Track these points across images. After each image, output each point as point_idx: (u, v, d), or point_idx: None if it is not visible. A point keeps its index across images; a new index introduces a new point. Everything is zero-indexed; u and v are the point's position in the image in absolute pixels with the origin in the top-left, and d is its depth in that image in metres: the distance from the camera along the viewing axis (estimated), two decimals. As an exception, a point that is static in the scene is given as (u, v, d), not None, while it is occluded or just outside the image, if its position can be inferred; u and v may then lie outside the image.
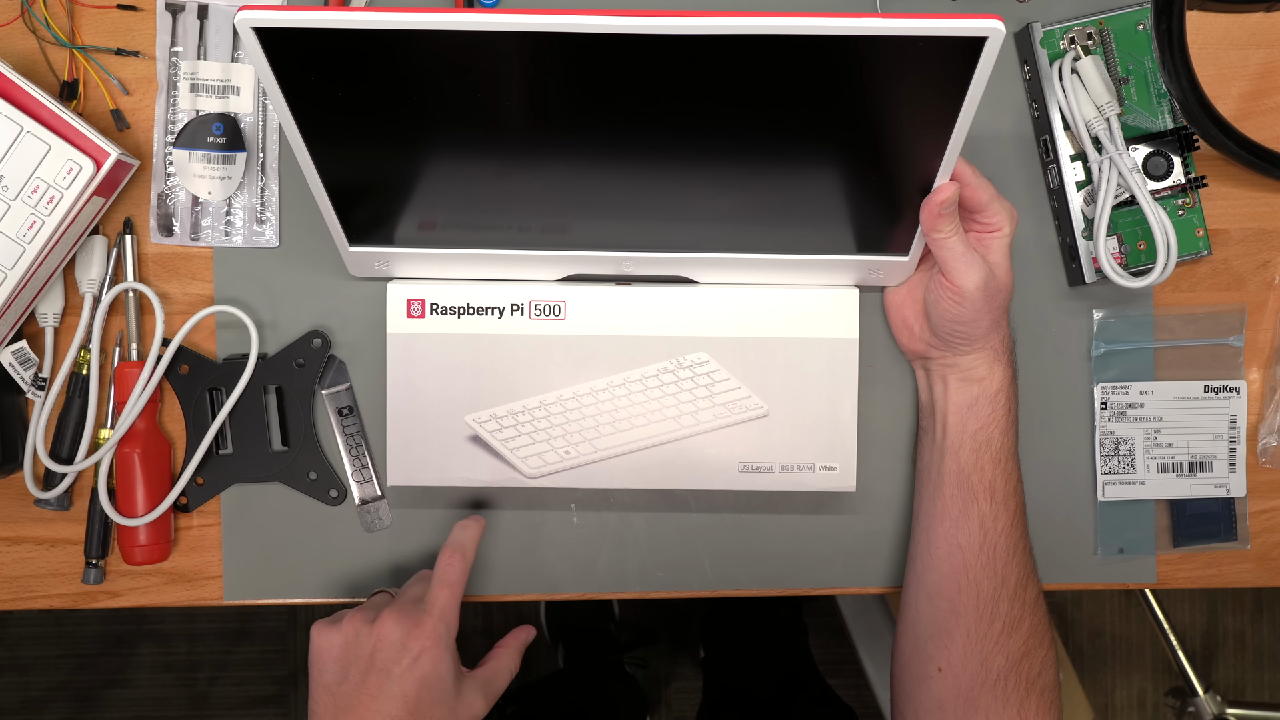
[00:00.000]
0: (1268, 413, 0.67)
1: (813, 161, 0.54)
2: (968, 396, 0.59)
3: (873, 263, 0.60)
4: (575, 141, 0.52)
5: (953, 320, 0.58)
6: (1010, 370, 0.60)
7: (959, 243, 0.55)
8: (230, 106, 0.63)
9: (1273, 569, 0.68)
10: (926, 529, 0.61)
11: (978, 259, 0.56)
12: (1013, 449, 0.60)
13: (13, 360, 0.63)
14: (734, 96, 0.49)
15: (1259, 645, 1.53)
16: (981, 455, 0.59)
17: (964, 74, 0.48)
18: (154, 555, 0.64)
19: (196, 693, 1.50)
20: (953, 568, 0.59)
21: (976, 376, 0.59)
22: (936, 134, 0.51)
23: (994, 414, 0.59)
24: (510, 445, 0.62)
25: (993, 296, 0.57)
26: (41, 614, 1.49)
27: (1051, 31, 0.62)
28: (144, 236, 0.64)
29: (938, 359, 0.61)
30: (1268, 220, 0.66)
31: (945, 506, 0.60)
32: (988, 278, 0.56)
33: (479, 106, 0.51)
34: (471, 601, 0.67)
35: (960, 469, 0.59)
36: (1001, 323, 0.59)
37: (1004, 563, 0.58)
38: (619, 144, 0.52)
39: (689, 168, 0.54)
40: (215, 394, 0.65)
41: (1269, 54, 0.65)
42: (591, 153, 0.53)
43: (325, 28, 0.46)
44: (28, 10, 0.63)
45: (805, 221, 0.58)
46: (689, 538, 0.66)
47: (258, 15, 0.46)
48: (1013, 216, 0.57)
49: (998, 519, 0.59)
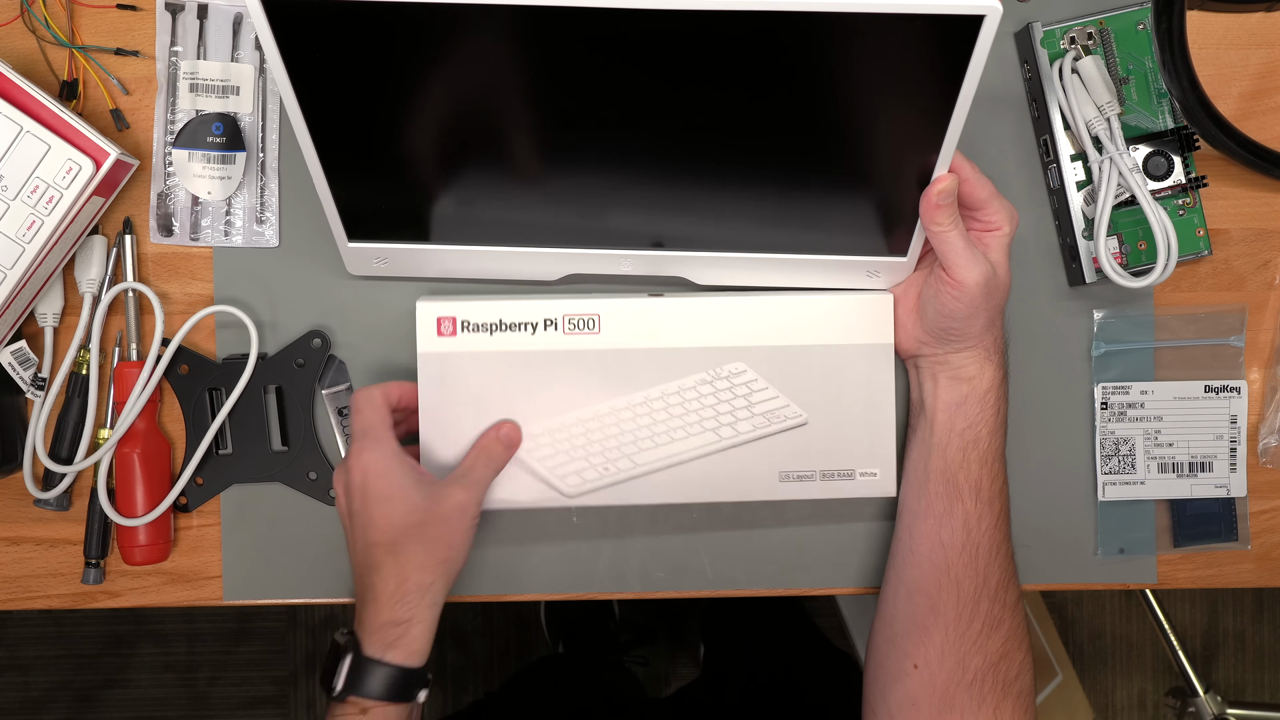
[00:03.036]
0: (1268, 413, 0.67)
1: (810, 151, 0.53)
2: (957, 395, 0.59)
3: (872, 264, 0.60)
4: (577, 131, 0.52)
5: (949, 316, 0.58)
6: (1001, 371, 0.60)
7: (959, 237, 0.55)
8: (230, 106, 0.63)
9: (1273, 569, 0.68)
10: (909, 525, 0.61)
11: (979, 255, 0.56)
12: (1000, 450, 0.60)
13: (12, 360, 0.62)
14: (731, 77, 0.49)
15: (1259, 645, 1.53)
16: (969, 454, 0.59)
17: (961, 56, 0.48)
18: (154, 555, 0.64)
19: (196, 693, 1.50)
20: (934, 565, 0.59)
21: (967, 375, 0.59)
22: (935, 121, 0.51)
23: (982, 413, 0.59)
24: (548, 465, 0.61)
25: (992, 294, 0.57)
26: (41, 614, 1.49)
27: (1051, 31, 0.62)
28: (144, 236, 0.64)
29: (929, 356, 0.61)
30: (1268, 220, 0.66)
31: (930, 504, 0.60)
32: (989, 274, 0.56)
33: (483, 88, 0.50)
34: (471, 601, 0.67)
35: (947, 466, 0.59)
36: (996, 322, 0.59)
37: (986, 562, 0.58)
38: (619, 132, 0.52)
39: (684, 157, 0.54)
40: (215, 394, 0.65)
41: (1269, 54, 0.65)
42: (593, 142, 0.53)
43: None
44: (27, 10, 0.63)
45: (805, 218, 0.58)
46: (689, 538, 0.66)
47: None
48: (1012, 216, 0.57)
49: (982, 518, 0.59)
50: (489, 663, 1.50)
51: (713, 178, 0.55)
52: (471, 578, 0.66)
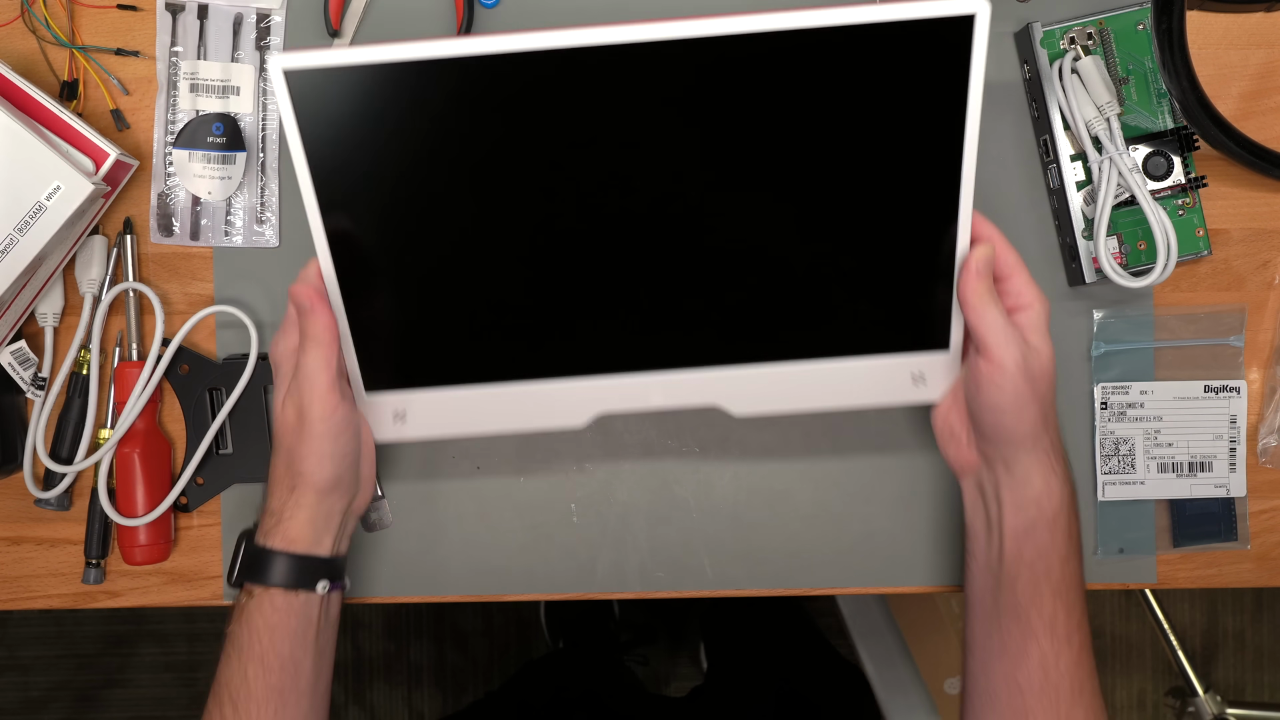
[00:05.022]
0: (1268, 413, 0.67)
1: (824, 207, 0.52)
2: (1024, 520, 0.54)
3: (914, 364, 0.56)
4: (600, 226, 0.52)
5: (995, 410, 0.53)
6: (1068, 486, 0.55)
7: (998, 315, 0.52)
8: (230, 106, 0.63)
9: (1273, 569, 0.68)
10: (984, 664, 0.56)
11: (1016, 335, 0.52)
12: (1075, 577, 0.55)
13: (12, 360, 0.63)
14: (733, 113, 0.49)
15: (1259, 645, 1.53)
16: (1040, 587, 0.54)
17: (961, 63, 0.47)
18: (154, 555, 0.64)
19: (196, 693, 1.50)
20: (1014, 710, 0.55)
21: (1032, 494, 0.54)
22: (948, 146, 0.50)
23: (1053, 540, 0.54)
24: None
25: (1036, 380, 0.53)
26: (41, 614, 1.49)
27: (1051, 31, 0.62)
28: (144, 236, 0.64)
29: (988, 470, 0.56)
30: (1268, 220, 0.66)
31: (1003, 643, 0.55)
32: (1026, 354, 0.52)
33: (511, 187, 0.51)
34: (471, 601, 0.67)
35: (1018, 602, 0.54)
36: (1050, 417, 0.54)
37: (1069, 705, 0.54)
38: (634, 215, 0.52)
39: (707, 244, 0.53)
40: (215, 394, 0.65)
41: (1269, 54, 0.65)
42: (609, 237, 0.52)
43: (359, 63, 0.47)
44: (28, 10, 0.63)
45: (832, 302, 0.55)
46: (689, 538, 0.66)
47: (290, 58, 0.47)
48: (1043, 297, 0.54)
49: (1060, 657, 0.54)
50: (489, 663, 1.50)
51: (736, 261, 0.53)
52: (472, 578, 0.66)
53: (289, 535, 0.55)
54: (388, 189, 0.51)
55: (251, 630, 0.54)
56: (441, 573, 0.66)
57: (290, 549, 0.55)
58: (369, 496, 0.59)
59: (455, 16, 0.63)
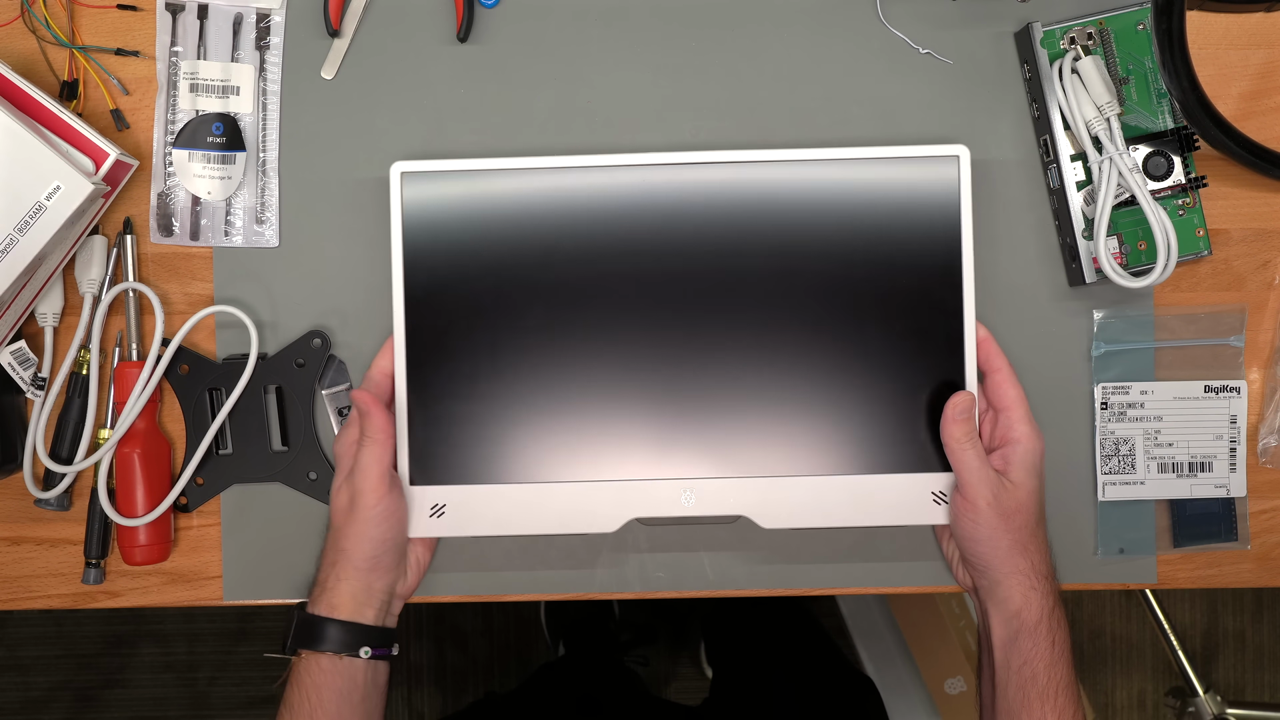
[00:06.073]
0: (1268, 413, 0.67)
1: (845, 323, 0.60)
2: (1008, 631, 0.58)
3: (933, 483, 0.61)
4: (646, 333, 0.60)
5: (970, 540, 0.58)
6: (1050, 599, 0.58)
7: (975, 457, 0.57)
8: (230, 106, 0.63)
9: (1273, 569, 0.68)
10: None
11: (991, 475, 0.57)
12: (1063, 682, 0.58)
13: (12, 360, 0.63)
14: (797, 248, 0.59)
15: (1259, 645, 1.53)
16: (1028, 692, 0.57)
17: (949, 191, 0.59)
18: (154, 555, 0.64)
19: (196, 693, 1.50)
20: None
21: (1012, 608, 0.58)
22: (948, 272, 0.60)
23: (1035, 648, 0.57)
24: None
25: (1009, 515, 0.57)
26: (41, 614, 1.49)
27: (1051, 31, 0.62)
28: (144, 236, 0.64)
29: (976, 589, 0.61)
30: (1268, 220, 0.66)
31: None
32: (999, 492, 0.57)
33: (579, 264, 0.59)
34: (471, 601, 0.67)
35: (1010, 707, 0.58)
36: (1029, 546, 0.58)
37: None
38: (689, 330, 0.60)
39: (740, 351, 0.60)
40: (215, 394, 0.65)
41: (1269, 54, 0.65)
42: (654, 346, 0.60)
43: (469, 170, 0.59)
44: (28, 10, 0.63)
45: (853, 416, 0.61)
46: (689, 538, 0.66)
47: (410, 164, 0.59)
48: (1036, 434, 0.59)
49: None
50: (489, 663, 1.50)
51: (768, 384, 0.60)
52: (472, 578, 0.66)
53: (332, 603, 0.59)
54: (468, 293, 0.59)
55: (301, 690, 0.59)
56: (442, 573, 0.66)
57: (333, 615, 0.59)
58: (415, 582, 0.63)
59: (455, 16, 0.63)
